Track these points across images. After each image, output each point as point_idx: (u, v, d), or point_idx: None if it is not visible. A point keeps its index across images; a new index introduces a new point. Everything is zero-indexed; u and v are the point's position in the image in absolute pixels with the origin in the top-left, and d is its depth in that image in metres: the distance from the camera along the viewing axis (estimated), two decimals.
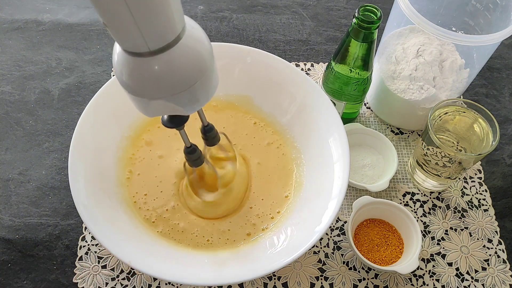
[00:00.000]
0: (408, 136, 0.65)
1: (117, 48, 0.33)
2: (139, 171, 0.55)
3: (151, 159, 0.56)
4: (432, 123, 0.53)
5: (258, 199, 0.54)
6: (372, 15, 0.50)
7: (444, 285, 0.54)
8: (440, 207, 0.59)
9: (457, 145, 0.55)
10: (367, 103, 0.68)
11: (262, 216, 0.52)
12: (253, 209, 0.53)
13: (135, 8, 0.27)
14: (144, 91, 0.34)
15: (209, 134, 0.47)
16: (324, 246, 0.56)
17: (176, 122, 0.40)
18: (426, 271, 0.55)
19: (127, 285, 0.52)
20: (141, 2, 0.27)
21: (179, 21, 0.31)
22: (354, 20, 0.50)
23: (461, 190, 0.61)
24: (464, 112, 0.54)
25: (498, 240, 0.57)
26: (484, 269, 0.55)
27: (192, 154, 0.45)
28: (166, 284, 0.53)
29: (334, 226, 0.57)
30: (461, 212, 0.59)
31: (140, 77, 0.33)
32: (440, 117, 0.54)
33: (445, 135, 0.55)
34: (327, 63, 0.67)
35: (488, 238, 0.57)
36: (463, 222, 0.58)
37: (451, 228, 0.58)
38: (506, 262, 0.56)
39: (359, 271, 0.54)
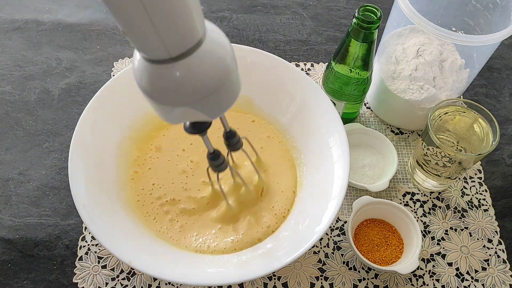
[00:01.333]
0: (408, 136, 0.65)
1: (137, 56, 0.32)
2: (145, 169, 0.55)
3: (157, 158, 0.56)
4: (432, 123, 0.53)
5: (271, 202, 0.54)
6: (372, 15, 0.50)
7: (444, 285, 0.54)
8: (440, 207, 0.59)
9: (457, 145, 0.55)
10: (367, 103, 0.68)
11: (269, 212, 0.53)
12: (269, 209, 0.53)
13: (155, 14, 0.26)
14: (166, 99, 0.33)
15: (232, 140, 0.46)
16: (324, 246, 0.56)
17: (199, 128, 0.39)
18: (426, 271, 0.55)
19: (127, 285, 0.52)
20: (161, 8, 0.26)
21: (200, 26, 0.30)
22: (354, 20, 0.50)
23: (461, 190, 0.61)
24: (464, 112, 0.54)
25: (498, 240, 0.57)
26: (484, 269, 0.55)
27: (216, 160, 0.44)
28: (166, 284, 0.53)
29: (334, 226, 0.57)
30: (461, 212, 0.59)
31: (162, 85, 0.32)
32: (440, 117, 0.54)
33: (445, 135, 0.55)
34: (327, 63, 0.67)
35: (488, 238, 0.57)
36: (463, 222, 0.58)
37: (451, 228, 0.58)
38: (506, 262, 0.56)
39: (359, 271, 0.54)
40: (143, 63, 0.31)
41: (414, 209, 0.59)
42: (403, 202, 0.59)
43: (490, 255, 0.56)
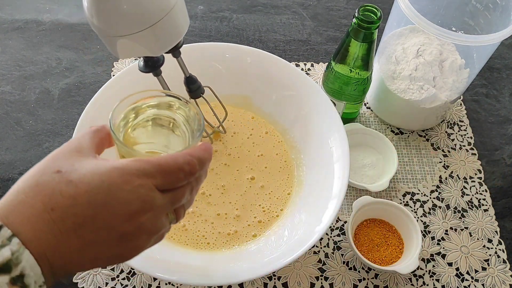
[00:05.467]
0: (408, 136, 0.65)
1: None
2: None
3: None
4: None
5: (266, 197, 0.54)
6: (372, 15, 0.50)
7: (444, 285, 0.54)
8: (440, 207, 0.59)
9: None
10: (367, 103, 0.68)
11: (268, 211, 0.53)
12: (255, 209, 0.53)
13: None
14: (108, 29, 0.37)
15: (193, 85, 0.49)
16: (324, 246, 0.56)
17: (151, 66, 0.43)
18: (426, 271, 0.55)
19: (127, 285, 0.52)
20: None
21: None
22: (354, 20, 0.50)
23: (461, 190, 0.61)
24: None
25: (498, 240, 0.57)
26: (484, 269, 0.55)
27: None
28: (166, 284, 0.53)
29: (334, 226, 0.57)
30: (461, 212, 0.59)
31: (105, 15, 0.36)
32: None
33: None
34: (327, 63, 0.67)
35: (488, 238, 0.57)
36: (463, 222, 0.58)
37: (451, 228, 0.58)
38: (506, 262, 0.56)
39: (359, 271, 0.54)
40: None
41: (414, 209, 0.59)
42: (403, 202, 0.59)
43: (490, 255, 0.56)
